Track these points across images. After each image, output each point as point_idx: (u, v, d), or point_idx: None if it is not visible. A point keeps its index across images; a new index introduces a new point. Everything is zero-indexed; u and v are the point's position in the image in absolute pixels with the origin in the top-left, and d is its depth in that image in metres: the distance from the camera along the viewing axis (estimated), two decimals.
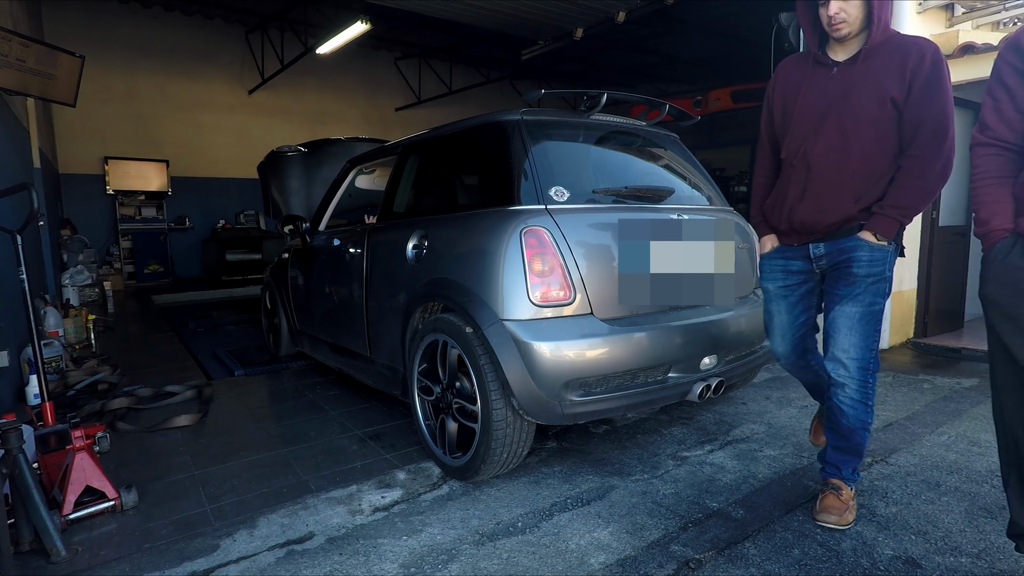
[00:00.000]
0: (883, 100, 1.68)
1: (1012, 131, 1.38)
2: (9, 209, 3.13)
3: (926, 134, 1.66)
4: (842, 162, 1.74)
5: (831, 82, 1.77)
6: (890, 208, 1.72)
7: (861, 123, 1.71)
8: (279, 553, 1.75)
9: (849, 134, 1.73)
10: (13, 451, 1.71)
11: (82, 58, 4.91)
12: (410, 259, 2.39)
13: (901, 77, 1.67)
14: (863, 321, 1.79)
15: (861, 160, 1.73)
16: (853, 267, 1.78)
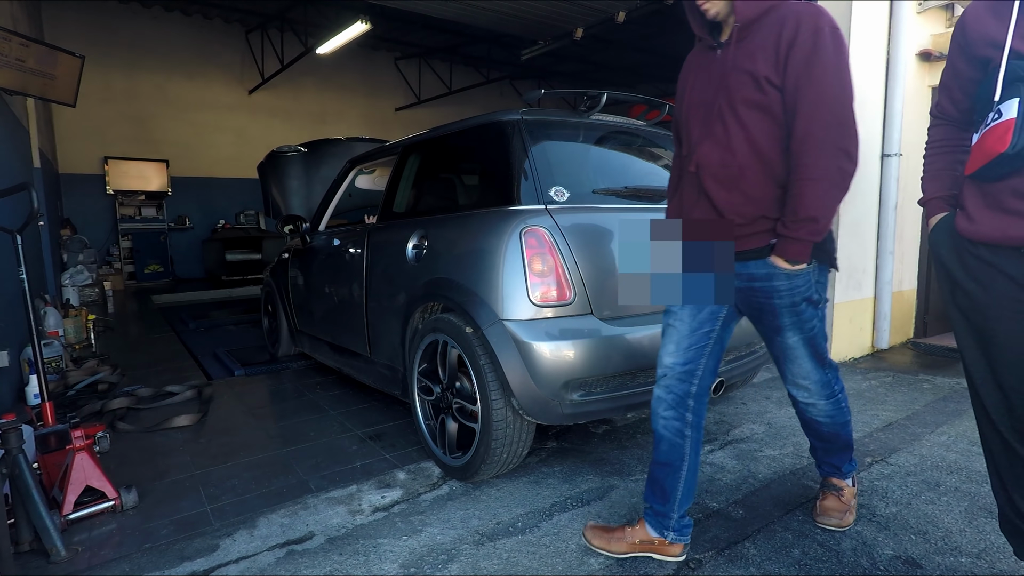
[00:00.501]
0: (758, 81, 1.43)
1: (958, 110, 1.37)
2: (9, 209, 3.13)
3: (810, 121, 1.39)
4: (728, 159, 1.48)
5: (715, 67, 1.52)
6: (792, 224, 1.43)
7: (741, 111, 1.45)
8: (279, 553, 1.75)
9: (730, 126, 1.47)
10: (13, 451, 1.71)
11: (82, 58, 4.92)
12: (410, 259, 2.39)
13: (774, 53, 1.41)
14: (806, 347, 1.61)
15: (750, 156, 1.46)
16: (774, 299, 1.55)
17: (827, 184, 1.39)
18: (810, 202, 1.40)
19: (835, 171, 1.39)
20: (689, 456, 1.66)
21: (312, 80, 10.79)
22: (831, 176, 1.39)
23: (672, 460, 1.65)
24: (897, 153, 3.87)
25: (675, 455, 1.65)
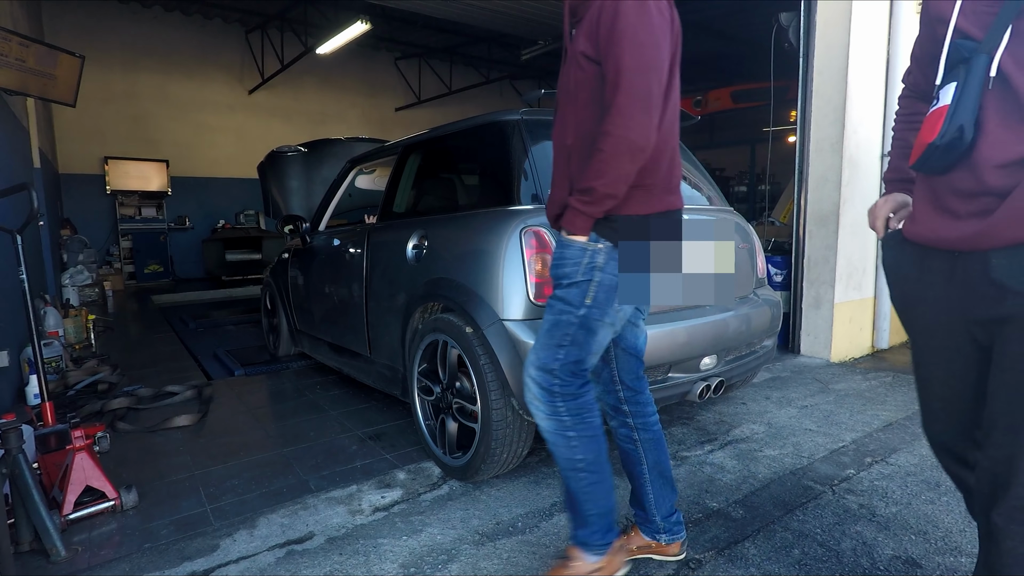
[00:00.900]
0: (576, 57, 1.42)
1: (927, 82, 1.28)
2: (9, 209, 3.13)
3: (611, 92, 1.32)
4: (561, 138, 1.48)
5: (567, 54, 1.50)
6: (575, 192, 1.38)
7: (570, 89, 1.44)
8: (279, 553, 1.75)
9: (563, 104, 1.47)
10: (13, 451, 1.71)
11: (82, 58, 4.92)
12: (410, 259, 2.39)
13: (590, 28, 1.38)
14: (547, 332, 1.46)
15: (575, 132, 1.44)
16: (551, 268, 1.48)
17: (608, 154, 1.32)
18: (591, 171, 1.34)
19: (620, 141, 1.31)
20: (646, 458, 1.64)
21: (312, 80, 10.79)
22: (615, 146, 1.31)
23: (630, 467, 1.66)
24: None
25: (631, 461, 1.65)
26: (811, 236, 3.90)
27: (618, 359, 1.63)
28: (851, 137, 3.67)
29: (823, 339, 3.87)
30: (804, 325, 3.96)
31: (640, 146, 1.32)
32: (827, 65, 3.73)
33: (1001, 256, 1.07)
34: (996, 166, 1.05)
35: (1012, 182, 1.03)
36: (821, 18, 3.74)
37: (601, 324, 1.45)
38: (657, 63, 1.32)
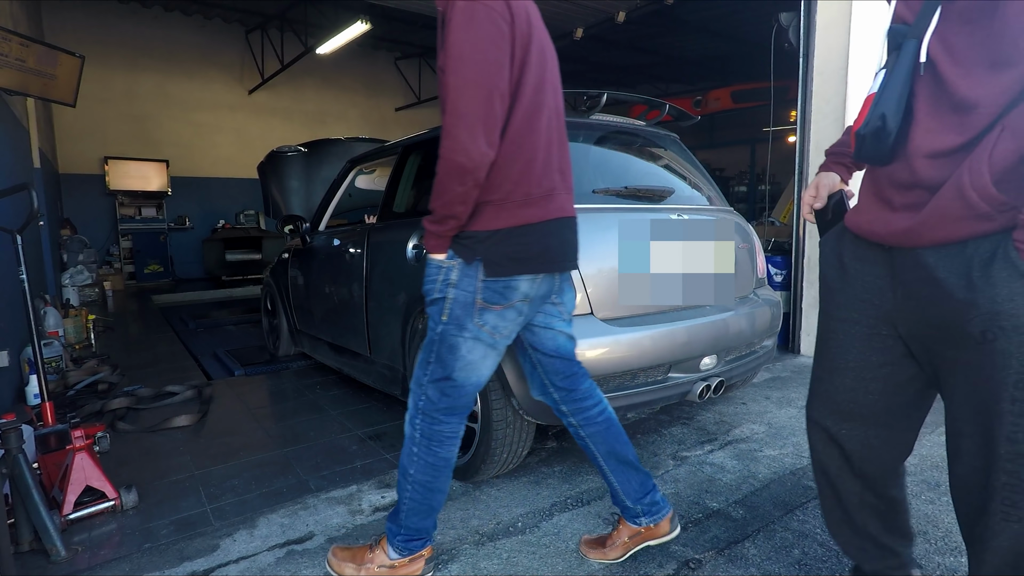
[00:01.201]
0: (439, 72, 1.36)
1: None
2: (9, 209, 3.13)
3: (440, 112, 1.30)
4: None
5: None
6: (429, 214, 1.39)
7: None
8: (279, 553, 1.75)
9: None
10: (13, 451, 1.71)
11: (82, 58, 4.91)
12: (410, 259, 2.39)
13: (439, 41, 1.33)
14: (422, 348, 1.49)
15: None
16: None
17: (440, 176, 1.31)
18: (433, 192, 1.35)
19: (447, 163, 1.29)
20: (597, 450, 1.65)
21: (312, 80, 10.78)
22: (444, 168, 1.30)
23: (590, 460, 1.70)
24: None
25: (587, 455, 1.69)
26: (811, 236, 3.90)
27: (542, 364, 1.64)
28: None
29: None
30: (804, 325, 3.96)
31: (466, 168, 1.29)
32: (827, 65, 3.73)
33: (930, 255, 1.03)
34: (925, 156, 1.01)
35: (941, 175, 0.99)
36: (821, 18, 3.74)
37: (461, 340, 1.44)
38: (482, 78, 1.26)
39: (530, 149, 1.40)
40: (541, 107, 1.41)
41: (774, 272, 4.24)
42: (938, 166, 0.99)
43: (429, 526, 1.57)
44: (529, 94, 1.37)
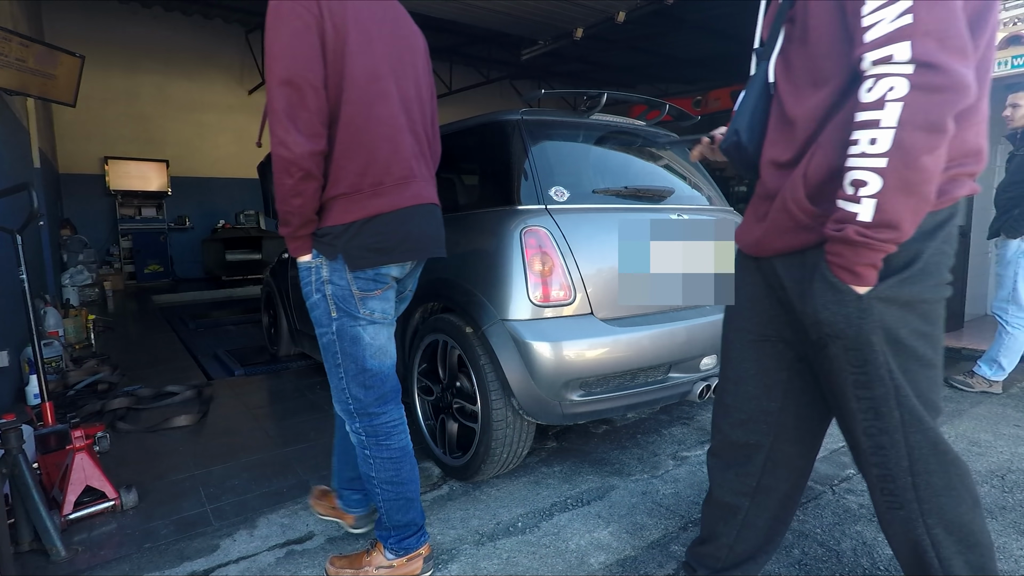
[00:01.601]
0: None
1: None
2: (9, 209, 3.13)
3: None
4: None
5: None
6: None
7: None
8: (279, 553, 1.75)
9: None
10: (13, 451, 1.71)
11: (82, 58, 4.92)
12: None
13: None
14: (325, 360, 1.52)
15: None
16: None
17: (274, 174, 1.34)
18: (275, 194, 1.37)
19: (275, 160, 1.33)
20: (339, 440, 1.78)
21: None
22: (275, 165, 1.33)
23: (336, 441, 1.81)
24: None
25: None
26: None
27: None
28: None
29: None
30: None
31: (287, 159, 1.31)
32: None
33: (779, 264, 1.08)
34: (768, 167, 1.07)
35: (780, 186, 1.03)
36: None
37: (360, 329, 1.47)
38: (291, 73, 1.28)
39: (371, 139, 1.40)
40: (385, 96, 1.42)
41: None
42: (778, 177, 1.04)
43: (415, 518, 1.58)
44: (361, 84, 1.37)
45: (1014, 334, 3.08)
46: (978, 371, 3.16)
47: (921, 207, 0.86)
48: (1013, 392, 3.16)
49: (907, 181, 0.83)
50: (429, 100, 1.61)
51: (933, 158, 0.83)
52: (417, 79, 1.55)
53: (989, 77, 0.94)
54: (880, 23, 0.82)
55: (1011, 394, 3.12)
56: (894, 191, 0.84)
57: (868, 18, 0.83)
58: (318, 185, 1.37)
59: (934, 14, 0.80)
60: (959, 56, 0.81)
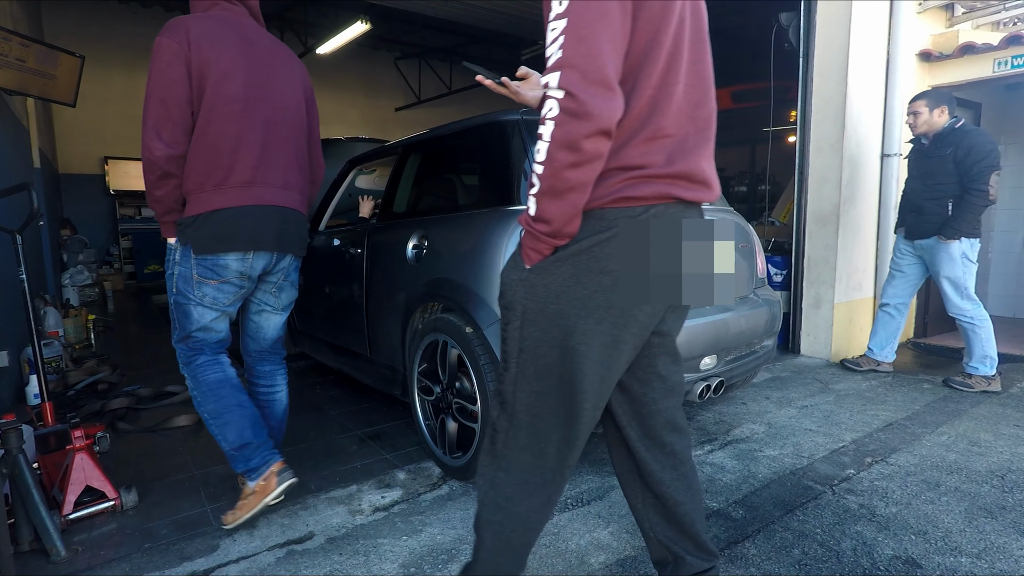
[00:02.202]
0: None
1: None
2: (9, 209, 3.13)
3: None
4: None
5: None
6: None
7: None
8: (279, 553, 1.75)
9: None
10: (13, 451, 1.71)
11: (82, 58, 4.91)
12: (410, 259, 2.39)
13: None
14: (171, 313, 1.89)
15: None
16: None
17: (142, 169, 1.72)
18: None
19: (142, 160, 1.70)
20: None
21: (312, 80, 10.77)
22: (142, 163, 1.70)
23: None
24: (897, 153, 3.87)
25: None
26: (811, 236, 3.90)
27: (241, 337, 2.06)
28: (851, 137, 3.67)
29: (823, 339, 3.87)
30: (804, 325, 3.96)
31: (148, 160, 1.69)
32: (827, 65, 3.73)
33: None
34: None
35: None
36: (821, 18, 3.74)
37: (191, 305, 1.81)
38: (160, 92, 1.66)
39: (217, 148, 1.72)
40: (238, 116, 1.74)
41: (774, 272, 4.24)
42: None
43: (250, 437, 1.83)
44: (217, 105, 1.71)
45: (983, 326, 3.15)
46: (975, 372, 3.18)
47: (568, 210, 1.01)
48: (1013, 392, 3.16)
49: (554, 187, 0.98)
50: (302, 122, 1.94)
51: (576, 171, 0.97)
52: (286, 104, 1.87)
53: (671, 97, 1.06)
54: (552, 56, 0.95)
55: (1011, 394, 3.12)
56: (545, 194, 0.99)
57: (548, 50, 0.96)
58: (176, 182, 1.73)
59: (578, 50, 0.93)
60: (598, 87, 0.93)
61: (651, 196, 1.06)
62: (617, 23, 0.96)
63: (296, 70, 1.95)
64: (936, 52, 4.00)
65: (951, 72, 4.03)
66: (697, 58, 1.11)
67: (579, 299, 1.07)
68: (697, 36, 1.12)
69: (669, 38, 1.03)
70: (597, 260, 1.05)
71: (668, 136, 1.06)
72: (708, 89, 1.14)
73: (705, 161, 1.13)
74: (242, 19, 1.84)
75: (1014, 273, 5.07)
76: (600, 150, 0.97)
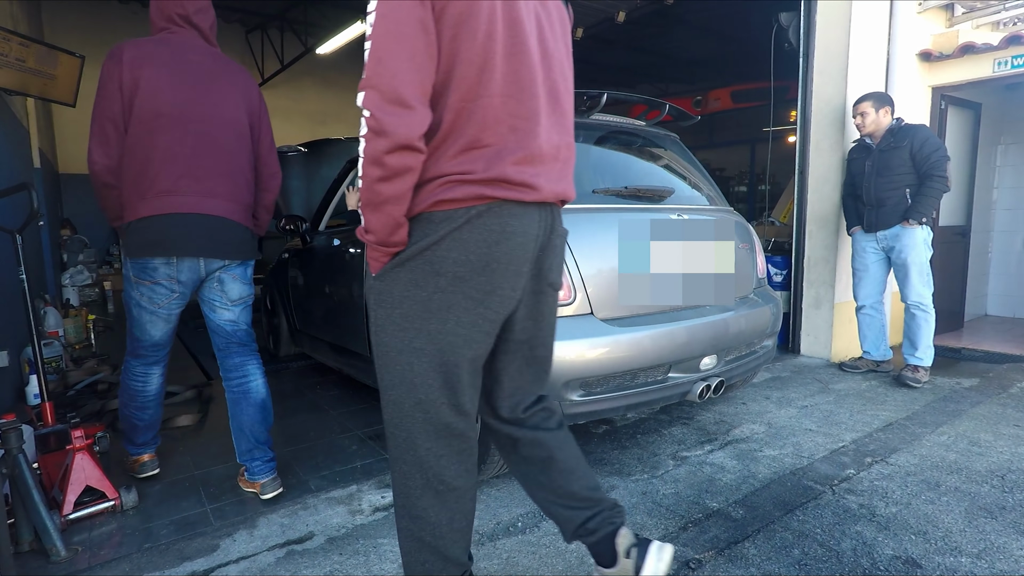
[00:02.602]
0: None
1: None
2: (9, 209, 3.12)
3: None
4: None
5: None
6: None
7: None
8: (279, 553, 1.75)
9: None
10: (13, 451, 1.70)
11: (82, 58, 4.91)
12: None
13: None
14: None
15: None
16: None
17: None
18: None
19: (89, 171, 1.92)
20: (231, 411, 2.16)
21: (312, 80, 10.77)
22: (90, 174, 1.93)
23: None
24: None
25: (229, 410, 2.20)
26: (811, 236, 3.90)
27: (210, 331, 2.19)
28: (851, 137, 3.67)
29: (823, 339, 3.87)
30: (804, 325, 3.96)
31: (90, 171, 1.91)
32: (827, 65, 3.73)
33: None
34: None
35: None
36: (821, 18, 3.74)
37: (133, 306, 2.05)
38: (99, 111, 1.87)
39: (143, 160, 1.87)
40: (171, 129, 1.87)
41: (774, 272, 4.24)
42: None
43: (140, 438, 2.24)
44: (145, 119, 1.86)
45: (932, 315, 3.32)
46: (920, 363, 3.31)
47: (386, 221, 1.08)
48: (1013, 392, 3.16)
49: (370, 200, 1.06)
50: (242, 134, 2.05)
51: (385, 185, 1.03)
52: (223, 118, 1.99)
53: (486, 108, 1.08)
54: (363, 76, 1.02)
55: (1011, 394, 3.12)
56: (366, 206, 1.07)
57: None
58: (117, 192, 1.93)
59: (377, 70, 0.99)
60: (394, 106, 0.99)
61: (468, 198, 1.09)
62: (416, 43, 1.01)
63: (240, 86, 2.08)
64: (936, 52, 4.00)
65: (951, 72, 4.03)
66: (516, 68, 1.11)
67: (420, 301, 1.12)
68: (516, 48, 1.10)
69: (477, 53, 1.05)
70: (431, 263, 1.11)
71: (486, 146, 1.09)
72: (530, 98, 1.13)
73: (527, 165, 1.13)
74: (191, 41, 2.02)
75: (1014, 273, 5.07)
76: (406, 164, 1.03)
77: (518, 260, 1.15)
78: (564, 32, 1.25)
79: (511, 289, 1.16)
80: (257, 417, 2.10)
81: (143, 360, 2.18)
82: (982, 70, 3.85)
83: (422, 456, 1.19)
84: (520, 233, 1.14)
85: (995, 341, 4.20)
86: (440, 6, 1.03)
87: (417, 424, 1.17)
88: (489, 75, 1.07)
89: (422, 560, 1.23)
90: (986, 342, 4.17)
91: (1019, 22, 4.24)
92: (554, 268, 1.28)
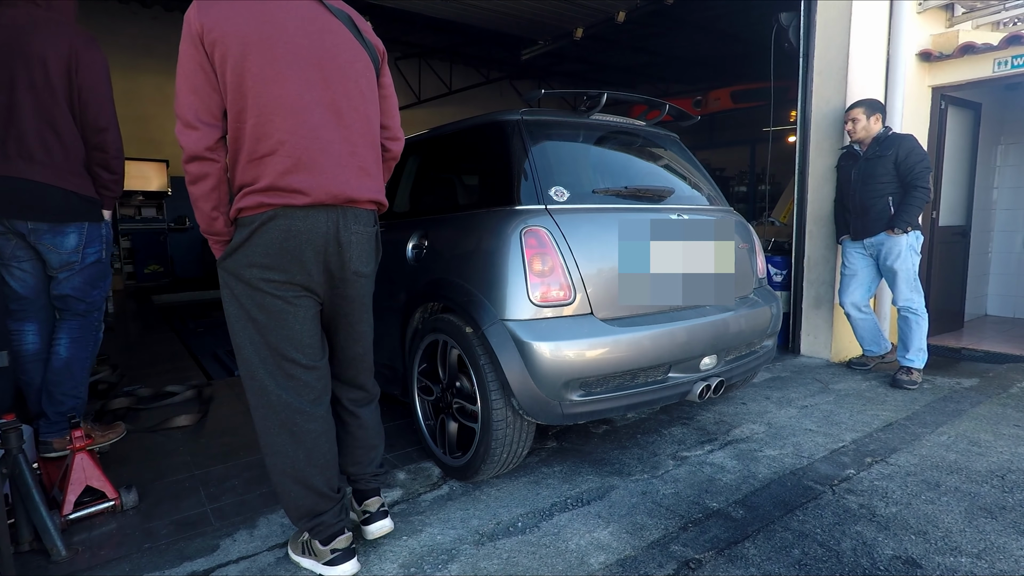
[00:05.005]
0: None
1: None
2: None
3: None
4: None
5: None
6: None
7: None
8: (279, 553, 1.75)
9: None
10: (13, 451, 1.70)
11: None
12: (410, 259, 2.39)
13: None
14: None
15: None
16: None
17: None
18: None
19: None
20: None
21: None
22: None
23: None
24: None
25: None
26: (811, 236, 3.90)
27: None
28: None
29: (823, 339, 3.87)
30: (804, 325, 3.96)
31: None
32: (827, 65, 3.73)
33: None
34: None
35: None
36: (821, 18, 3.74)
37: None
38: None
39: None
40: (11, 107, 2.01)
41: (774, 272, 4.24)
42: None
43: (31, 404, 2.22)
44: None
45: (924, 318, 3.31)
46: (911, 364, 3.30)
47: (202, 216, 1.46)
48: (1013, 392, 3.16)
49: (191, 198, 1.45)
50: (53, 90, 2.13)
51: (192, 187, 1.43)
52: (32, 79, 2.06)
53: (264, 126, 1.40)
54: None
55: (1011, 394, 3.12)
56: (193, 203, 1.46)
57: None
58: None
59: (177, 102, 1.41)
60: (185, 127, 1.40)
61: (256, 206, 1.42)
62: (196, 79, 1.37)
63: (56, 38, 2.08)
64: (936, 52, 3.99)
65: (951, 72, 4.03)
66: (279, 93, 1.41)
67: (247, 282, 1.46)
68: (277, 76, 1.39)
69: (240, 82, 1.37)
70: (247, 256, 1.44)
71: (261, 157, 1.41)
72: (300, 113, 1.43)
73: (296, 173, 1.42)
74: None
75: (1014, 273, 5.07)
76: (203, 170, 1.41)
77: (307, 252, 1.46)
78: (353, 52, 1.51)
79: (304, 275, 1.48)
80: (47, 378, 2.15)
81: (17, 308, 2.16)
82: (982, 70, 3.85)
83: (272, 401, 1.52)
84: (305, 231, 1.45)
85: (995, 341, 4.19)
86: (210, 49, 1.35)
87: (264, 375, 1.51)
88: (255, 99, 1.38)
89: (288, 490, 1.56)
90: (986, 342, 4.17)
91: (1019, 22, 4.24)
92: (356, 259, 1.55)
